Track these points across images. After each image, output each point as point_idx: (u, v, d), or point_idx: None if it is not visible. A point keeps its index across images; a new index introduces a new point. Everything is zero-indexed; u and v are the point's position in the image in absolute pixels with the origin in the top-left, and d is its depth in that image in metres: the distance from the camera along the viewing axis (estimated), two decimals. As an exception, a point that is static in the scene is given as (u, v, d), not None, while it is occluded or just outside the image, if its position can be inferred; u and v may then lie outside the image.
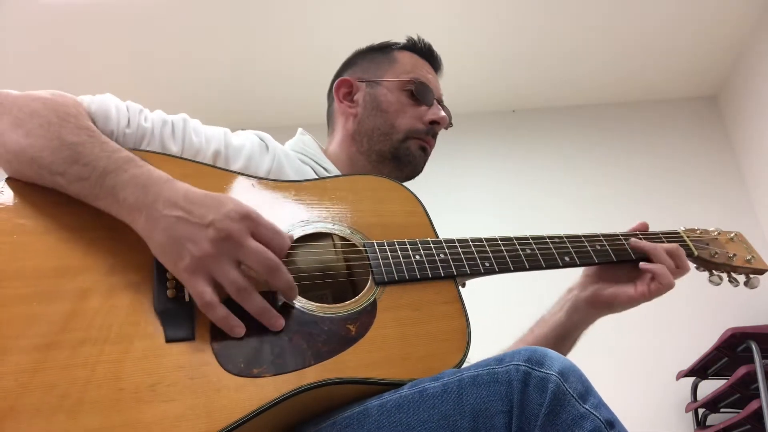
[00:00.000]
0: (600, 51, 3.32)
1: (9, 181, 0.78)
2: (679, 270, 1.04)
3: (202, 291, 0.70)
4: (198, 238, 0.71)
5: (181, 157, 0.92)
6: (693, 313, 2.93)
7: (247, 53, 3.25)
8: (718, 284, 1.12)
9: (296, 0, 2.96)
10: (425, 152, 1.19)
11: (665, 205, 3.23)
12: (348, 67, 1.27)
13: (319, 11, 3.01)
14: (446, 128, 1.23)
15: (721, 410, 2.67)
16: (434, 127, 1.18)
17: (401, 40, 1.25)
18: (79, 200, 0.77)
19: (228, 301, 0.72)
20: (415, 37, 1.25)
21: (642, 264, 1.02)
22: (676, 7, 3.04)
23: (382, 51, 1.25)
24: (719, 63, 3.41)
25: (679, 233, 1.12)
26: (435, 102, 1.19)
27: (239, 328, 0.72)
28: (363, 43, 1.28)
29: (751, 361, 2.31)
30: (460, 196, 3.43)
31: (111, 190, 0.74)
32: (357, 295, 0.82)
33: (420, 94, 1.17)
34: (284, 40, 3.17)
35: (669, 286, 1.00)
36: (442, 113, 1.18)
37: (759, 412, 2.21)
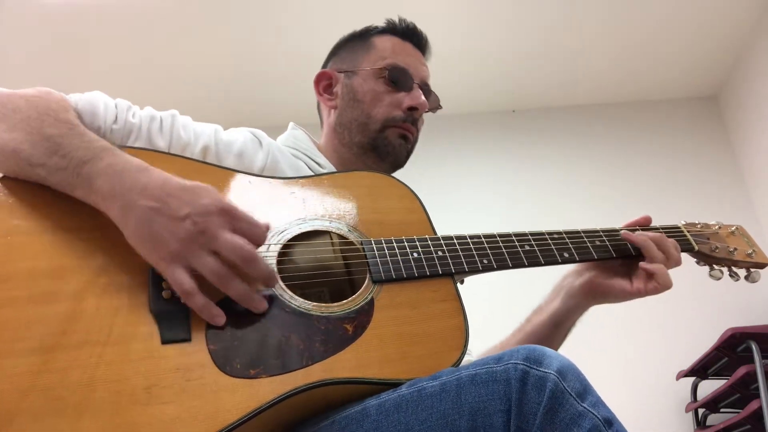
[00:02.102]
0: (600, 51, 3.32)
1: (4, 181, 0.78)
2: (669, 262, 1.02)
3: (180, 280, 0.70)
4: (174, 230, 0.70)
5: (170, 153, 0.91)
6: (693, 313, 2.92)
7: (246, 54, 3.25)
8: (719, 278, 1.11)
9: (298, 2, 2.96)
10: (406, 141, 1.14)
11: (665, 205, 3.22)
12: (330, 59, 1.24)
13: (321, 13, 3.01)
14: (433, 112, 1.19)
15: (721, 410, 2.67)
16: (413, 113, 1.12)
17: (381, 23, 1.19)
18: (76, 200, 0.76)
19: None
20: (396, 19, 1.19)
21: (642, 264, 1.01)
22: (677, 7, 3.04)
23: (361, 38, 1.21)
24: (719, 63, 3.40)
25: (679, 228, 1.12)
26: (415, 86, 1.14)
27: (220, 317, 0.71)
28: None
29: (751, 361, 2.31)
30: (459, 196, 3.42)
31: (87, 178, 0.74)
32: (355, 293, 0.82)
33: (396, 79, 1.13)
34: (284, 41, 3.17)
35: (666, 287, 0.99)
36: (421, 98, 1.12)
37: (759, 412, 2.20)
